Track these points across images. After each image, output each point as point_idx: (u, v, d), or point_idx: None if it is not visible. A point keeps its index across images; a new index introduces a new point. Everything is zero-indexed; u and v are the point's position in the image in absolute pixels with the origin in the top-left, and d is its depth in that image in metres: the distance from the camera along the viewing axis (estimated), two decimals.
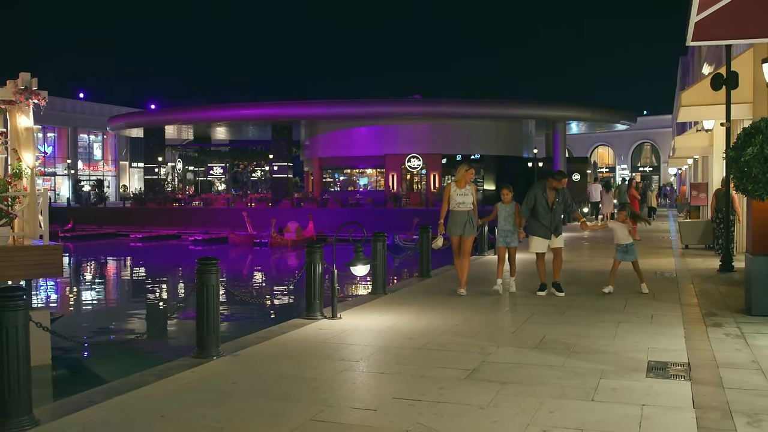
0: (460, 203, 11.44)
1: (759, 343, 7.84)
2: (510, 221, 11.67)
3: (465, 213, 11.43)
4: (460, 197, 11.47)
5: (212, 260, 7.42)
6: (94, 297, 25.64)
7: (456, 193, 11.51)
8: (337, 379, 6.54)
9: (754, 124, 9.77)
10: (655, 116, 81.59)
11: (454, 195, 11.51)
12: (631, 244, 11.71)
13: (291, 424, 5.22)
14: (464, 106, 54.53)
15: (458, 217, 11.44)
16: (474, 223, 11.52)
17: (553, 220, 11.38)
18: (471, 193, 11.54)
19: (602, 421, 5.23)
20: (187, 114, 60.07)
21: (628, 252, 11.63)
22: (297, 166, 66.37)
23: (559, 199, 11.39)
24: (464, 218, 11.43)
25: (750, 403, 5.63)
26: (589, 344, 7.84)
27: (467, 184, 11.58)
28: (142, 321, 19.27)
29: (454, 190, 11.54)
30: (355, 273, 9.58)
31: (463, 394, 5.95)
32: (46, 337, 11.68)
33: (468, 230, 11.44)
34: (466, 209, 11.43)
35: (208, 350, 7.32)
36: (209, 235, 45.29)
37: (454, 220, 11.48)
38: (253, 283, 28.09)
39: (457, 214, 11.45)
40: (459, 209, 11.44)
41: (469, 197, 11.48)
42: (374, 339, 8.25)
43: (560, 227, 11.64)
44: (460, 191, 11.49)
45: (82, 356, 14.90)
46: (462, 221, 11.43)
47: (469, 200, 11.46)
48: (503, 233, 11.74)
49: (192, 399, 5.94)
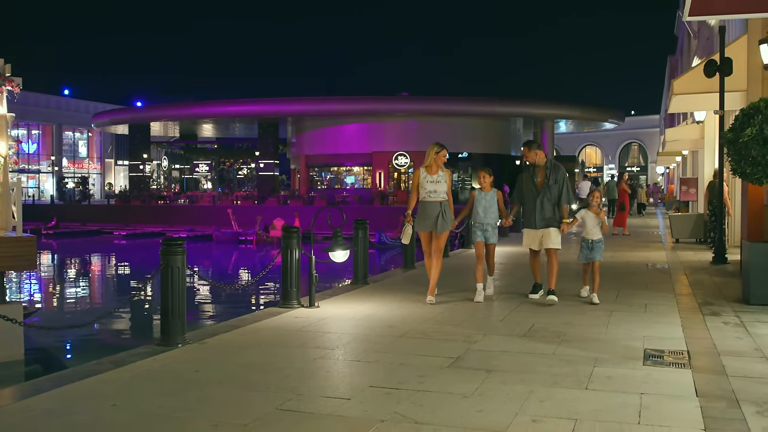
0: (431, 192, 9.41)
1: (761, 331, 7.39)
2: (491, 213, 9.72)
3: (437, 204, 9.40)
4: (430, 185, 9.42)
5: (178, 240, 6.90)
6: (73, 292, 25.02)
7: (426, 179, 9.45)
8: (310, 367, 6.04)
9: (753, 104, 9.34)
10: (642, 116, 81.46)
11: (424, 182, 9.45)
12: (600, 241, 9.59)
13: (254, 414, 4.72)
14: (452, 104, 54.05)
15: (429, 209, 9.43)
16: (448, 215, 9.48)
17: (543, 207, 9.33)
18: (444, 179, 9.47)
19: (598, 410, 4.75)
20: (173, 111, 59.39)
21: (593, 249, 9.51)
22: (284, 163, 65.76)
23: (550, 181, 9.34)
24: (436, 210, 9.40)
25: (757, 392, 5.16)
26: (581, 332, 7.38)
27: (440, 169, 9.50)
28: (122, 316, 18.70)
29: (424, 176, 9.47)
30: (334, 259, 9.06)
31: (445, 383, 5.47)
32: (18, 331, 11.20)
33: (441, 225, 9.39)
34: (439, 199, 9.40)
35: (173, 337, 6.80)
36: (194, 233, 44.64)
37: (425, 212, 9.45)
38: (234, 277, 27.55)
39: (428, 205, 9.43)
40: (430, 199, 9.42)
41: (442, 185, 9.43)
42: (352, 327, 7.75)
43: (555, 217, 9.38)
44: (432, 177, 9.44)
45: (58, 351, 14.34)
46: (433, 214, 9.41)
47: (442, 188, 9.41)
48: (481, 226, 9.74)
49: (149, 387, 5.43)
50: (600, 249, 9.57)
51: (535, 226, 9.42)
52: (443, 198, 9.43)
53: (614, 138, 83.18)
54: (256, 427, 4.49)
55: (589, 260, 9.55)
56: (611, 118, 62.17)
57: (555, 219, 9.35)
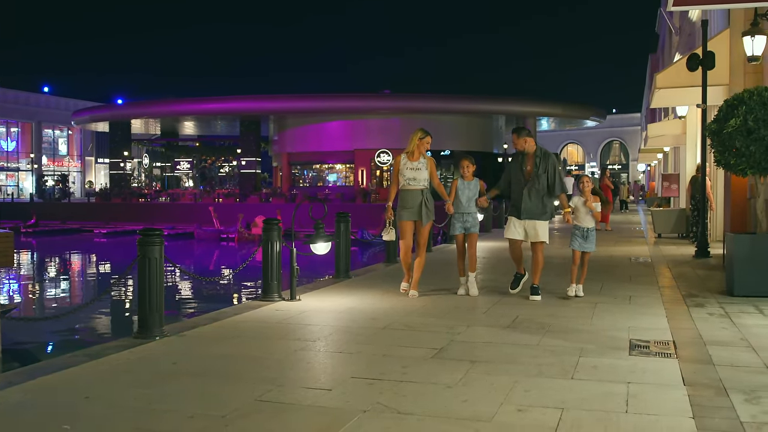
0: (411, 180, 8.91)
1: (746, 322, 7.33)
2: (473, 202, 9.36)
3: (418, 192, 8.91)
4: (410, 172, 8.92)
5: (155, 231, 6.75)
6: (52, 288, 24.71)
7: (406, 166, 8.95)
8: (290, 358, 5.91)
9: (737, 95, 9.30)
10: (623, 114, 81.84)
11: (404, 169, 8.96)
12: (593, 229, 9.18)
13: (232, 405, 4.59)
14: (434, 101, 53.97)
15: (410, 198, 8.94)
16: (431, 204, 9.06)
17: (529, 198, 8.82)
18: (426, 166, 8.97)
19: (585, 399, 4.66)
20: (154, 108, 58.88)
21: (588, 239, 9.09)
22: (266, 161, 65.44)
23: (539, 170, 8.85)
24: (417, 199, 8.91)
25: (745, 380, 5.09)
26: (566, 324, 7.29)
27: (422, 156, 9.04)
28: (101, 311, 18.45)
29: (405, 163, 8.97)
30: (315, 251, 8.93)
31: (428, 373, 5.35)
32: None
33: (425, 215, 8.95)
34: (419, 187, 8.92)
35: (151, 330, 6.64)
36: (175, 231, 44.29)
37: (405, 201, 8.97)
38: (215, 273, 27.33)
39: (409, 193, 8.94)
40: (410, 187, 8.93)
41: (423, 172, 8.94)
42: (334, 319, 7.62)
43: (544, 209, 8.92)
44: (412, 164, 8.93)
45: (34, 345, 14.12)
46: (415, 203, 8.92)
47: (423, 176, 8.93)
48: (461, 217, 9.36)
49: (125, 380, 5.28)
50: (593, 238, 9.19)
51: (520, 216, 8.91)
52: (424, 186, 8.95)
53: (596, 136, 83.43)
54: (233, 418, 4.35)
55: (583, 249, 9.09)
56: (593, 116, 62.31)
57: (541, 211, 8.90)
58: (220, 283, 21.45)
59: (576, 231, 9.14)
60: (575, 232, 9.15)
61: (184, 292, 21.34)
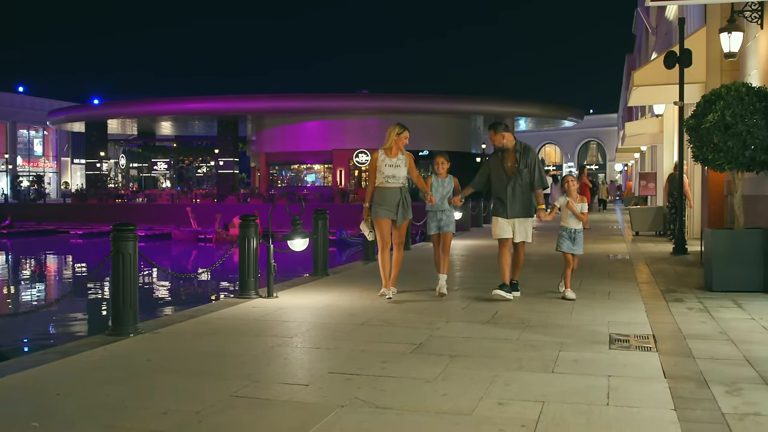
0: (390, 177, 8.52)
1: (724, 316, 7.33)
2: (447, 201, 9.02)
3: (396, 190, 8.53)
4: (389, 169, 8.52)
5: (129, 226, 6.62)
6: (26, 288, 24.40)
7: (385, 163, 8.54)
8: (267, 354, 5.81)
9: (715, 90, 9.32)
10: (600, 115, 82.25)
11: (382, 166, 8.54)
12: (581, 231, 8.74)
13: (207, 401, 4.48)
14: (412, 102, 53.92)
15: (388, 196, 8.52)
16: (409, 203, 8.67)
17: (514, 195, 8.47)
18: (405, 163, 8.60)
19: (566, 392, 4.60)
20: (130, 108, 58.42)
21: (576, 241, 8.66)
22: (244, 162, 65.12)
23: (521, 165, 8.51)
24: (396, 197, 8.53)
25: (725, 373, 5.06)
26: (545, 319, 7.24)
27: (400, 152, 8.64)
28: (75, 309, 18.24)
29: (383, 159, 8.56)
30: (292, 247, 8.82)
31: (407, 368, 5.28)
32: None
33: (402, 214, 8.55)
34: (398, 185, 8.55)
35: (125, 327, 6.51)
36: (152, 231, 43.93)
37: (383, 198, 8.53)
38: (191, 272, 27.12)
39: (387, 191, 8.52)
40: (389, 185, 8.53)
41: (403, 169, 8.56)
42: (312, 316, 7.53)
43: (528, 206, 8.57)
44: (391, 161, 8.54)
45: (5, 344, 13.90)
46: (393, 201, 8.53)
47: (402, 173, 8.56)
48: (435, 215, 9.04)
49: (98, 377, 5.16)
50: (581, 240, 8.74)
51: (506, 215, 8.51)
52: (403, 184, 8.60)
53: (573, 136, 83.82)
54: (208, 414, 4.25)
55: (571, 251, 8.64)
56: (570, 116, 62.59)
57: (528, 208, 8.56)
58: (196, 281, 21.30)
59: (563, 232, 8.73)
60: (562, 233, 8.73)
61: (160, 291, 21.18)
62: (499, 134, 8.58)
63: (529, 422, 4.04)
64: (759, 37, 11.21)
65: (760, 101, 8.93)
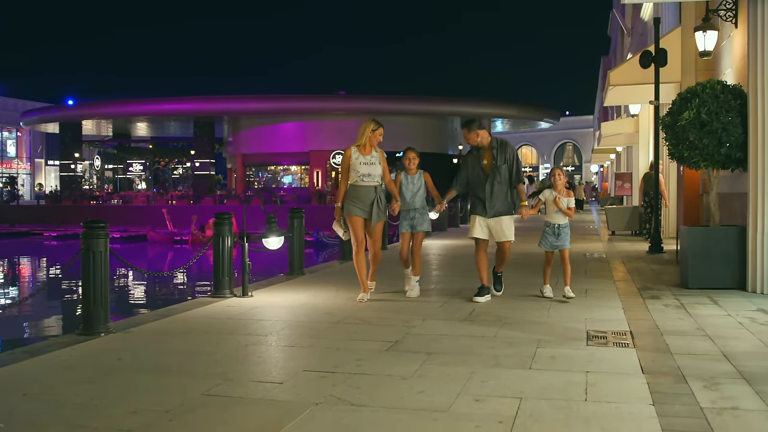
0: (365, 176, 8.12)
1: (701, 312, 7.32)
2: (419, 197, 8.69)
3: (371, 189, 8.14)
4: (364, 167, 8.13)
5: (99, 223, 6.49)
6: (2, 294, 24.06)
7: (359, 161, 8.15)
8: (241, 353, 5.72)
9: (690, 88, 9.34)
10: (576, 117, 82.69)
11: (357, 164, 8.15)
12: (566, 226, 8.37)
13: (178, 400, 4.38)
14: (388, 102, 53.87)
15: (362, 194, 8.12)
16: (384, 204, 8.26)
17: (493, 192, 8.12)
18: (379, 161, 8.22)
19: (543, 389, 4.55)
20: (105, 109, 57.87)
21: (560, 236, 8.32)
22: (220, 163, 64.76)
23: (498, 161, 8.17)
24: (370, 196, 8.12)
25: (703, 368, 5.03)
26: (522, 316, 7.20)
27: (374, 149, 8.29)
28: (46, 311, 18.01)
29: (357, 157, 8.17)
30: (267, 246, 8.71)
31: (383, 366, 5.20)
32: None
33: (376, 214, 8.14)
34: (374, 184, 8.17)
35: (96, 326, 6.38)
36: (128, 233, 43.58)
37: (357, 197, 8.13)
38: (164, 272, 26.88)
39: (362, 190, 8.12)
40: (363, 184, 8.13)
41: (377, 167, 8.17)
42: (287, 314, 7.43)
43: (507, 203, 8.21)
44: (365, 159, 8.15)
45: None
46: (367, 200, 8.12)
47: (377, 171, 8.16)
48: (407, 214, 8.68)
49: (66, 376, 5.03)
50: (567, 235, 8.36)
51: (485, 214, 8.16)
52: (378, 183, 8.20)
53: (549, 138, 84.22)
54: (179, 413, 4.15)
55: (555, 248, 8.36)
56: (547, 118, 62.85)
57: (508, 206, 8.19)
58: (170, 281, 21.09)
59: (547, 228, 8.37)
60: (546, 229, 8.37)
61: (133, 291, 20.95)
62: (473, 132, 8.24)
63: (507, 418, 3.98)
64: (733, 36, 11.26)
65: (735, 99, 8.95)
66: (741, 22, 10.52)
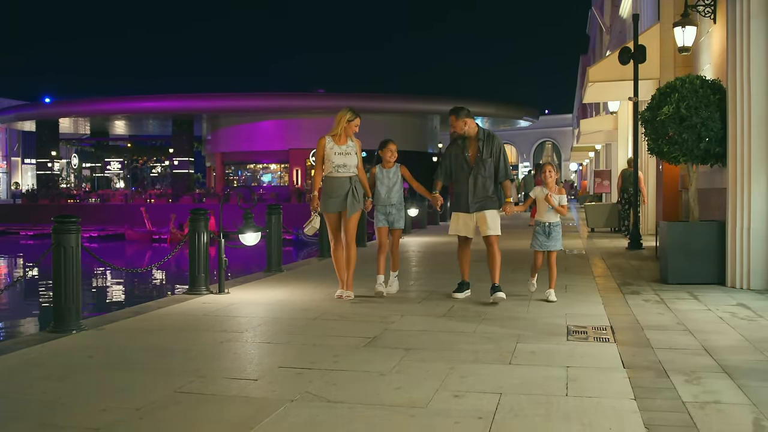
0: (340, 166, 7.80)
1: (681, 307, 7.28)
2: (395, 192, 8.19)
3: (346, 180, 7.82)
4: (339, 157, 7.80)
5: (71, 218, 6.34)
6: None
7: (334, 151, 7.80)
8: (215, 350, 5.59)
9: (669, 83, 9.32)
10: (556, 115, 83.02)
11: (331, 154, 7.79)
12: (557, 225, 7.93)
13: (149, 397, 4.26)
14: (368, 101, 53.68)
15: (337, 186, 7.81)
16: (360, 193, 7.93)
17: (476, 186, 7.68)
18: (355, 151, 7.89)
19: (523, 384, 4.47)
20: (82, 106, 57.27)
21: (551, 236, 7.87)
22: (199, 161, 64.35)
23: (484, 154, 7.69)
24: (345, 187, 7.81)
25: (684, 362, 4.98)
26: (502, 312, 7.13)
27: (350, 139, 7.94)
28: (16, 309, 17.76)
29: (331, 147, 7.81)
30: (244, 242, 8.58)
31: (361, 362, 5.11)
32: None
33: (351, 204, 7.81)
34: (349, 174, 7.85)
35: (67, 323, 6.24)
36: (105, 232, 43.19)
37: (332, 190, 7.82)
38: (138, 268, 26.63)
39: (336, 181, 7.81)
40: (338, 175, 7.81)
41: (353, 157, 7.84)
42: (264, 311, 7.32)
43: (493, 197, 7.75)
44: (340, 149, 7.81)
45: None
46: (342, 191, 7.80)
47: (352, 162, 7.83)
48: (384, 209, 8.21)
49: (34, 374, 4.89)
50: (558, 234, 7.92)
51: (468, 209, 7.72)
52: (353, 173, 7.87)
53: (529, 136, 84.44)
54: (149, 410, 4.03)
55: (545, 248, 7.88)
56: (526, 116, 63.04)
57: (492, 199, 7.72)
58: (146, 278, 20.88)
59: (537, 227, 7.92)
60: (536, 228, 7.91)
61: (107, 288, 20.72)
62: (461, 120, 7.78)
63: (487, 414, 3.90)
64: (712, 32, 11.26)
65: (714, 94, 8.94)
66: (720, 18, 10.51)
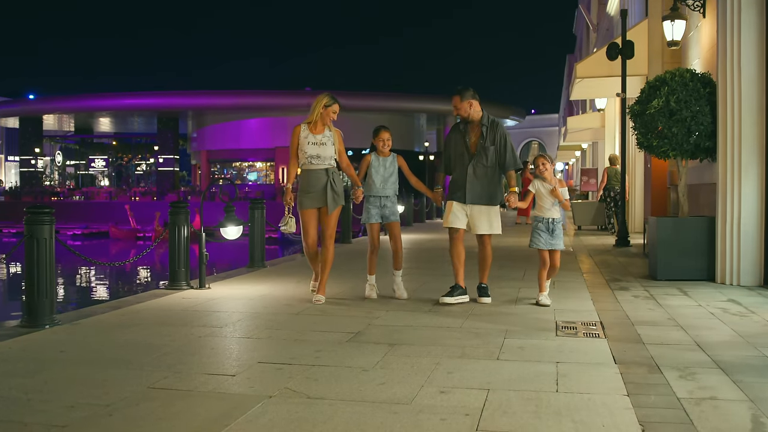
0: (314, 157, 7.12)
1: (671, 303, 7.15)
2: (391, 183, 7.54)
3: (322, 172, 7.15)
4: (313, 147, 7.11)
5: (44, 208, 6.13)
6: None
7: (308, 141, 7.13)
8: (193, 345, 5.40)
9: (659, 76, 9.19)
10: (542, 115, 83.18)
11: (305, 144, 7.13)
12: (559, 221, 7.14)
13: (121, 393, 4.07)
14: (355, 99, 53.45)
15: (313, 180, 7.17)
16: (339, 187, 7.25)
17: (475, 176, 7.03)
18: (332, 141, 7.19)
19: (512, 380, 4.30)
20: (66, 103, 56.83)
21: (554, 233, 7.08)
22: (184, 159, 63.99)
23: (486, 142, 7.04)
24: (322, 180, 7.15)
25: (677, 357, 4.83)
26: (490, 307, 6.97)
27: (326, 128, 7.24)
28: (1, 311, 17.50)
29: (305, 136, 7.14)
30: (225, 236, 8.38)
31: (343, 357, 4.93)
32: None
33: (332, 200, 7.18)
34: (324, 166, 7.16)
35: (40, 318, 6.01)
36: (89, 230, 42.84)
37: (308, 184, 7.18)
38: (117, 264, 26.35)
39: (312, 174, 7.17)
40: (313, 167, 7.15)
41: (329, 148, 7.15)
42: (245, 306, 7.12)
43: (494, 190, 7.12)
44: (315, 138, 7.13)
45: None
46: (319, 185, 7.16)
47: (328, 153, 7.14)
48: (377, 201, 7.54)
49: (2, 369, 4.68)
50: (561, 232, 7.16)
51: (464, 200, 7.09)
52: (330, 165, 7.19)
53: (515, 136, 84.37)
54: (120, 407, 3.84)
55: (550, 247, 7.13)
56: (512, 116, 63.05)
57: (492, 193, 7.10)
58: (126, 274, 20.62)
59: (539, 224, 7.11)
60: (538, 225, 7.11)
61: (85, 283, 20.46)
62: (466, 101, 7.03)
63: (474, 410, 3.73)
64: (701, 26, 11.15)
65: (704, 87, 8.81)
66: (709, 12, 10.41)
